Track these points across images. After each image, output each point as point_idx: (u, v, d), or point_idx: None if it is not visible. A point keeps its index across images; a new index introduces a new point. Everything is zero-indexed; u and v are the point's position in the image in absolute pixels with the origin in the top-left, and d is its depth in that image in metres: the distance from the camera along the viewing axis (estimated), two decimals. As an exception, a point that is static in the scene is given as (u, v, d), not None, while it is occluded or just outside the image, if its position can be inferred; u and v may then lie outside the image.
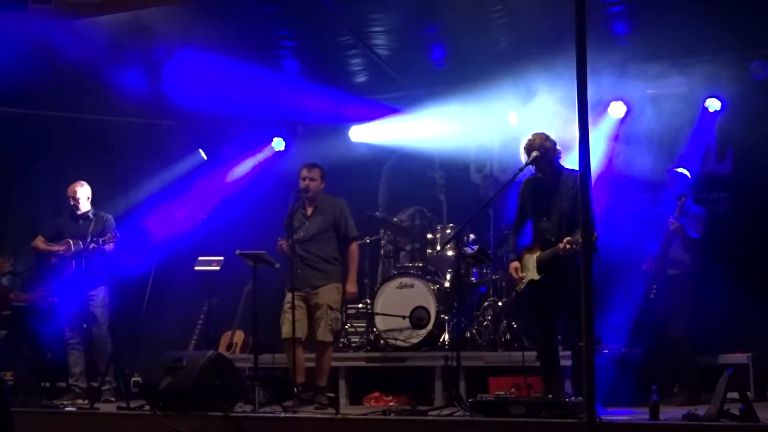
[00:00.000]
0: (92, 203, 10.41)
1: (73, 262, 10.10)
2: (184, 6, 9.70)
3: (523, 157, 8.15)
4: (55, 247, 10.17)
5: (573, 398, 7.28)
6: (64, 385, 10.65)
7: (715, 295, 9.31)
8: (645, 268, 9.57)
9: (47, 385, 10.68)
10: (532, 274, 8.00)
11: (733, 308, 9.39)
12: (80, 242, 10.03)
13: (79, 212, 10.31)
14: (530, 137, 8.12)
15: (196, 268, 11.34)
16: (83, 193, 10.33)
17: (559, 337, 8.42)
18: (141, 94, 11.69)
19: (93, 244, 9.96)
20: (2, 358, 10.62)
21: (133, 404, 8.90)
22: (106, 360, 9.88)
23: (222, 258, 11.18)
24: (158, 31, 10.19)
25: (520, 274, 8.05)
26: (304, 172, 9.22)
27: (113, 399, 9.85)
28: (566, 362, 8.46)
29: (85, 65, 10.87)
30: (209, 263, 11.31)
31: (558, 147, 8.07)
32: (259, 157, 12.37)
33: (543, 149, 8.00)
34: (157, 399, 8.38)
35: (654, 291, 9.50)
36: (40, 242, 10.34)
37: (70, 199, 10.32)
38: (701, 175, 10.18)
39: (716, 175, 10.29)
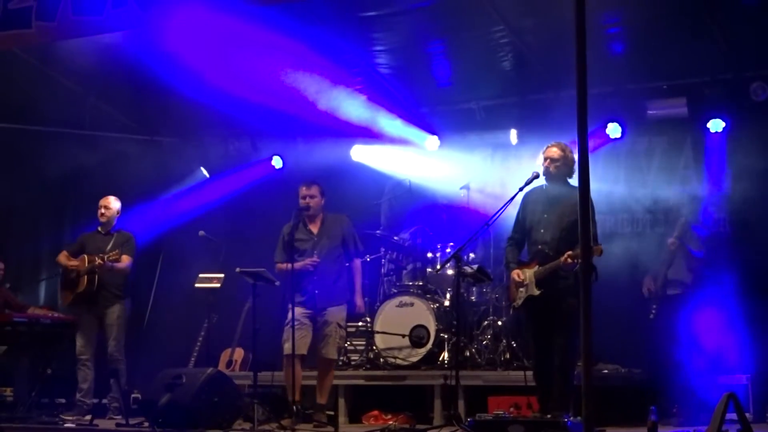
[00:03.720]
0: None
1: (86, 277, 10.10)
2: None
3: (540, 160, 8.13)
4: (73, 263, 10.18)
5: (573, 418, 7.28)
6: (63, 401, 10.66)
7: (714, 316, 9.29)
8: (645, 294, 9.57)
9: (46, 400, 10.67)
10: (531, 289, 7.90)
11: (733, 329, 9.38)
12: (95, 258, 10.04)
13: (103, 226, 10.35)
14: (553, 145, 8.08)
15: (197, 285, 11.35)
16: (113, 206, 10.36)
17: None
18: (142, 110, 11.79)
19: (99, 260, 9.96)
20: (2, 373, 10.61)
21: (132, 421, 8.91)
22: (115, 377, 9.89)
23: (222, 275, 11.19)
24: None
25: (520, 278, 7.97)
26: (303, 190, 9.22)
27: (118, 416, 9.82)
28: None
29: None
30: (209, 280, 11.31)
31: (575, 164, 8.04)
32: (259, 174, 12.40)
33: (561, 161, 8.00)
34: (157, 416, 8.39)
35: (654, 311, 9.50)
36: (62, 257, 10.36)
37: (98, 210, 10.36)
38: (701, 196, 10.20)
39: (715, 196, 10.29)
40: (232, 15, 8.78)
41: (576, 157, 7.92)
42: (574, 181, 8.01)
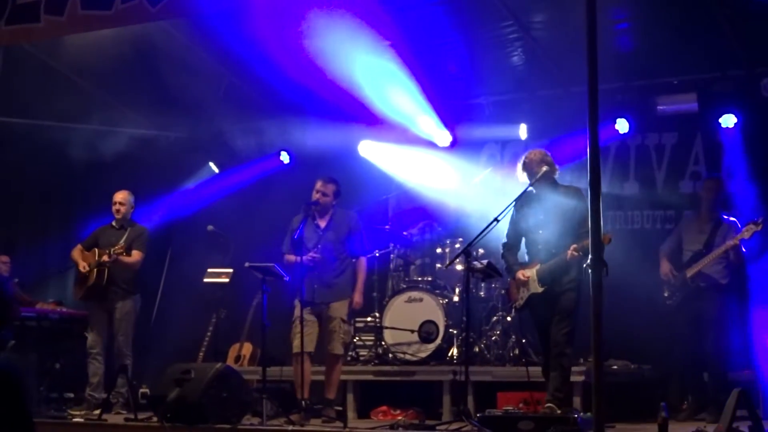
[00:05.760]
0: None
1: (95, 271, 10.11)
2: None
3: (521, 174, 8.22)
4: (80, 264, 10.18)
5: (582, 414, 7.26)
6: (72, 395, 10.66)
7: (732, 313, 9.24)
8: (672, 280, 9.40)
9: (55, 395, 10.68)
10: (534, 287, 8.01)
11: (744, 325, 9.33)
12: (106, 252, 10.04)
13: (117, 221, 10.35)
14: (530, 155, 8.22)
15: (205, 279, 11.35)
16: (126, 200, 10.36)
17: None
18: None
19: (105, 256, 9.97)
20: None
21: (141, 416, 8.91)
22: (124, 372, 9.89)
23: (231, 270, 11.18)
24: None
25: (525, 277, 8.03)
26: (319, 185, 9.17)
27: (124, 411, 9.82)
28: (576, 377, 8.44)
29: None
30: (218, 275, 11.31)
31: (555, 164, 8.16)
32: (267, 168, 12.37)
33: (545, 164, 8.04)
34: (165, 411, 8.39)
35: (675, 298, 9.33)
36: (76, 252, 10.38)
37: (113, 205, 10.36)
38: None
39: (727, 192, 10.23)
40: (238, 8, 8.76)
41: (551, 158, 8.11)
42: (559, 179, 8.19)
